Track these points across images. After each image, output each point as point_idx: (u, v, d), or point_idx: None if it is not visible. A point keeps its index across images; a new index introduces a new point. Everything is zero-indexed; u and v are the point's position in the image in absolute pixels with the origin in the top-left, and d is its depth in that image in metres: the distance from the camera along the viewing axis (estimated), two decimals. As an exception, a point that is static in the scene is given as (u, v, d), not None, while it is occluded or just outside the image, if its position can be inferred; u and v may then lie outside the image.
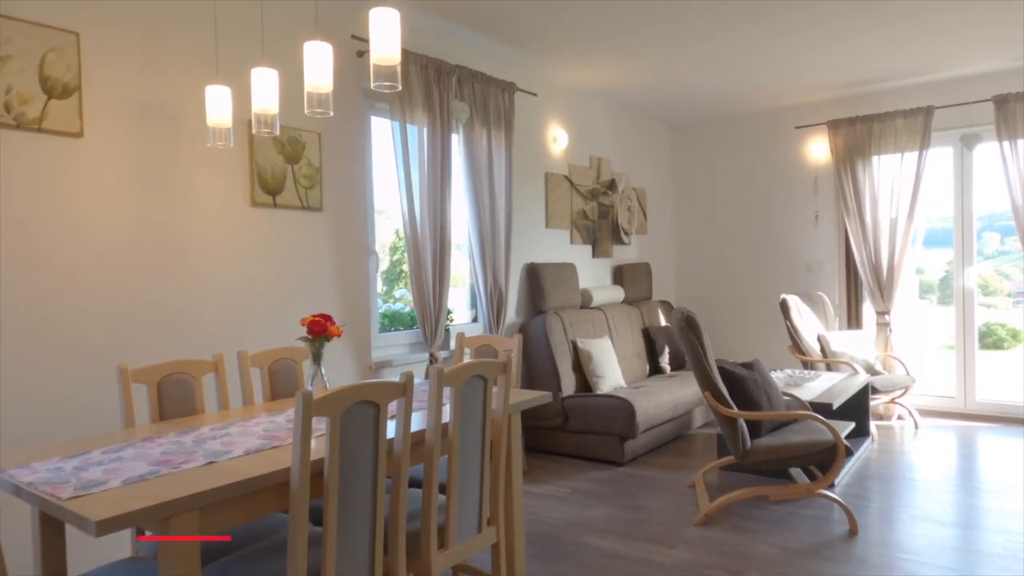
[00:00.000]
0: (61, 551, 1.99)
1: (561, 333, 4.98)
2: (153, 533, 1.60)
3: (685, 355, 3.60)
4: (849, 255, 6.18)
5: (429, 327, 4.01)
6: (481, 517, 2.29)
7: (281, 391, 2.78)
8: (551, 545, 3.28)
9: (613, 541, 3.31)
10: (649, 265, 6.54)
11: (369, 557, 1.85)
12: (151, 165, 2.96)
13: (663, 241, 7.13)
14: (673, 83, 5.62)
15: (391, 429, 2.05)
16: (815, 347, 5.49)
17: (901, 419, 5.72)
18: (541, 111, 5.36)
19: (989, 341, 5.92)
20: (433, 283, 4.03)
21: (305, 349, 2.93)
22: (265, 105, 2.43)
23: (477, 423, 2.22)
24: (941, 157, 5.86)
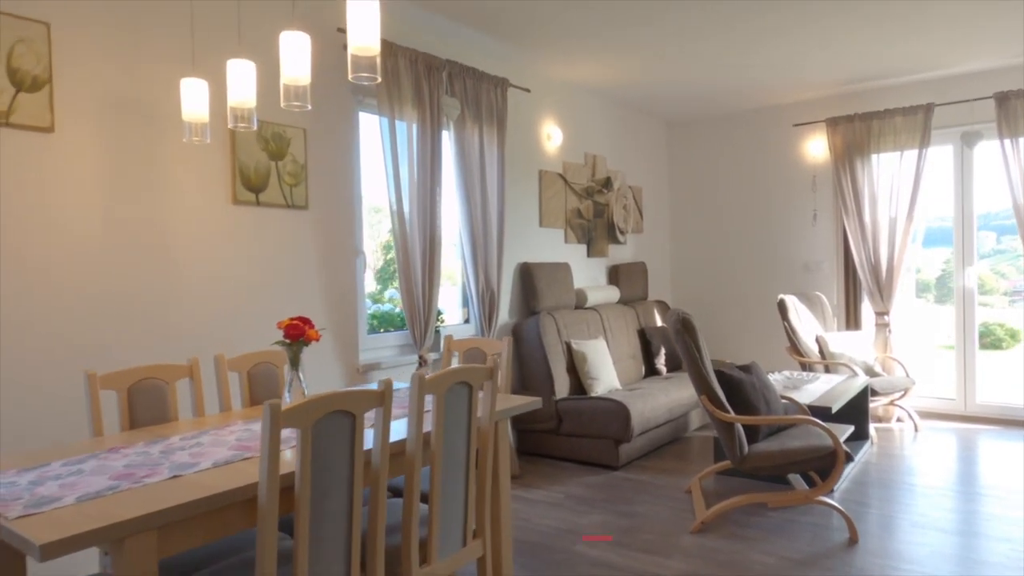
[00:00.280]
0: (22, 569, 1.88)
1: (555, 334, 4.89)
2: (110, 554, 1.49)
3: (681, 357, 3.50)
4: (848, 255, 6.09)
5: (418, 329, 3.91)
6: (466, 530, 2.19)
7: (261, 396, 2.68)
8: (542, 554, 3.18)
9: (606, 550, 3.21)
10: (645, 265, 6.44)
11: (345, 574, 1.75)
12: (127, 161, 2.85)
13: (659, 240, 7.03)
14: (670, 80, 5.52)
15: (370, 439, 1.95)
16: (813, 348, 5.39)
17: (900, 421, 5.63)
18: (535, 108, 5.26)
19: (987, 341, 5.84)
20: (423, 283, 3.93)
21: (282, 352, 2.83)
22: (241, 99, 2.33)
23: (462, 431, 2.12)
24: (941, 155, 5.77)
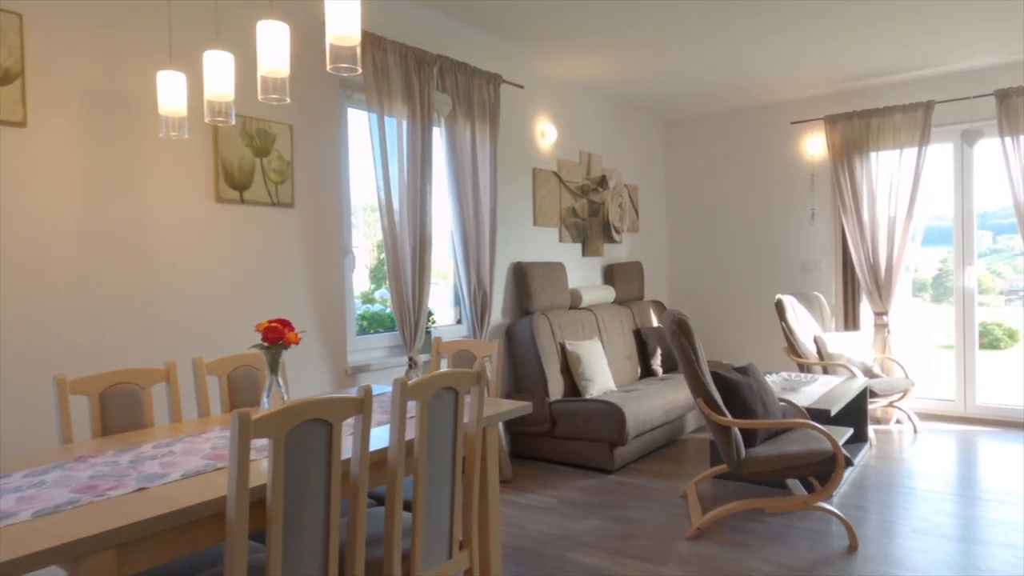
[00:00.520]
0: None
1: (549, 335, 4.80)
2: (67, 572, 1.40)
3: (677, 359, 3.42)
4: (846, 254, 6.01)
5: (408, 329, 3.82)
6: (452, 541, 2.10)
7: (241, 401, 2.58)
8: (533, 562, 3.09)
9: (600, 557, 3.12)
10: (641, 264, 6.36)
11: (321, 592, 1.67)
12: (104, 158, 2.75)
13: (655, 239, 6.95)
14: (666, 77, 5.44)
15: (349, 448, 1.86)
16: (811, 349, 5.32)
17: (900, 423, 5.56)
18: (528, 104, 5.17)
19: (985, 341, 5.78)
20: (413, 283, 3.84)
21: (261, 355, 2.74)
22: (219, 92, 2.23)
23: (447, 439, 2.03)
24: (941, 153, 5.69)
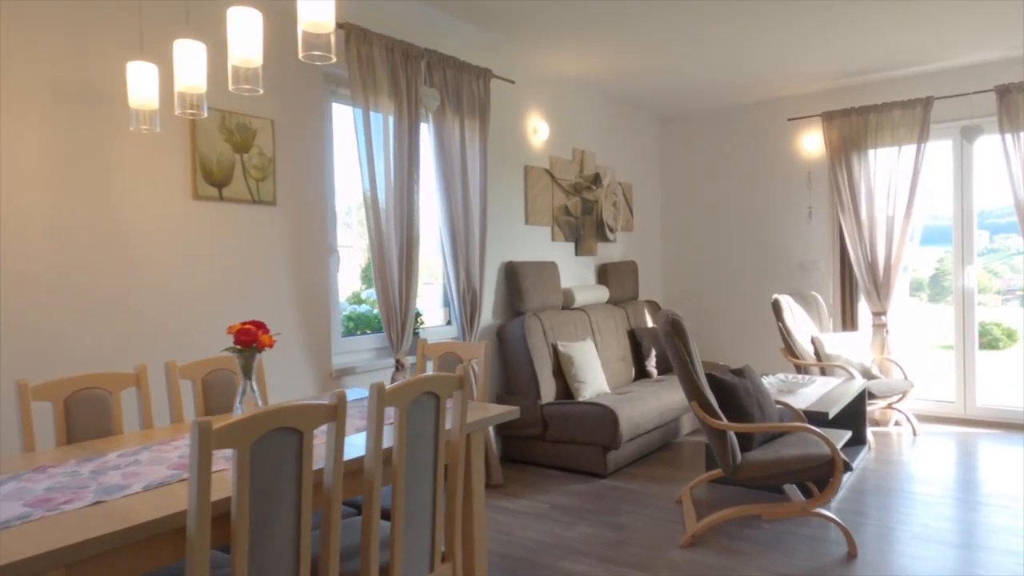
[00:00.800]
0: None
1: (540, 336, 4.70)
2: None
3: (671, 361, 3.33)
4: (844, 253, 5.92)
5: (395, 331, 3.72)
6: (434, 553, 2.00)
7: (216, 406, 2.48)
8: (522, 571, 2.99)
9: (591, 565, 3.03)
10: (635, 264, 6.26)
11: (291, 612, 1.56)
12: (75, 152, 2.64)
13: (650, 238, 6.85)
14: (661, 73, 5.34)
15: (325, 457, 1.76)
16: (809, 349, 5.23)
17: (898, 425, 5.47)
18: (520, 100, 5.07)
19: (984, 341, 5.71)
20: (399, 283, 3.74)
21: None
22: (190, 83, 2.13)
23: (428, 446, 1.93)
24: (940, 151, 5.61)
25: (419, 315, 4.33)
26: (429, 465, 1.94)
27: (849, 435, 3.94)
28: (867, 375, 5.18)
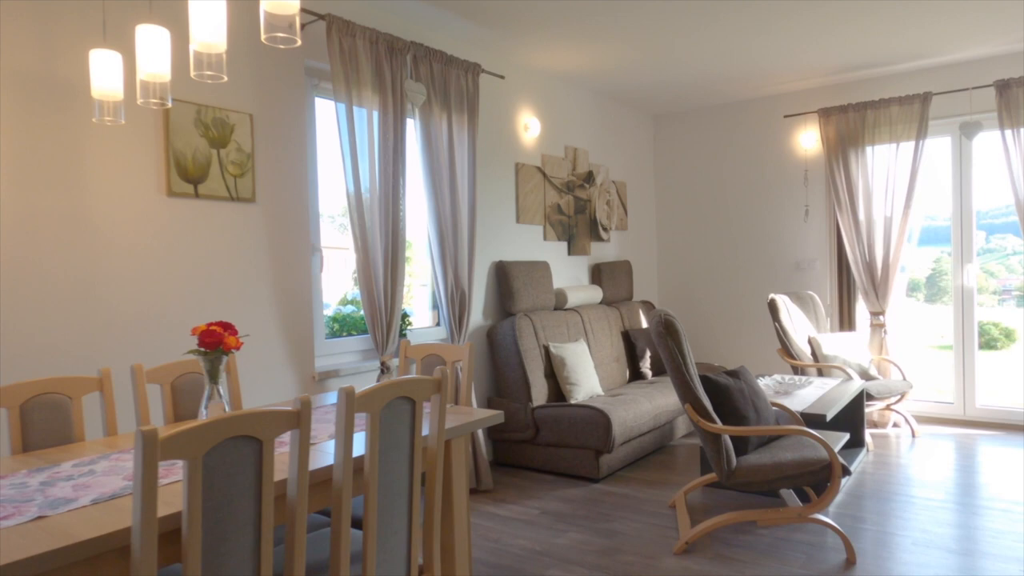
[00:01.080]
0: None
1: (532, 337, 4.59)
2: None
3: (664, 363, 3.22)
4: (841, 252, 5.83)
5: (380, 332, 3.61)
6: (410, 566, 1.89)
7: (186, 412, 2.37)
8: (510, 581, 2.89)
9: (581, 574, 2.92)
10: (630, 263, 6.16)
11: (251, 634, 1.46)
12: (40, 147, 2.53)
13: (645, 238, 6.75)
14: (655, 69, 5.24)
15: (289, 467, 1.65)
16: (806, 350, 5.13)
17: (897, 426, 5.37)
18: (510, 96, 4.97)
19: (982, 341, 5.62)
20: (385, 283, 3.63)
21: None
22: (153, 71, 2.02)
23: (403, 454, 1.83)
24: (939, 147, 5.52)
25: (406, 316, 4.22)
26: (404, 474, 1.83)
27: (847, 437, 3.84)
28: (865, 376, 5.08)
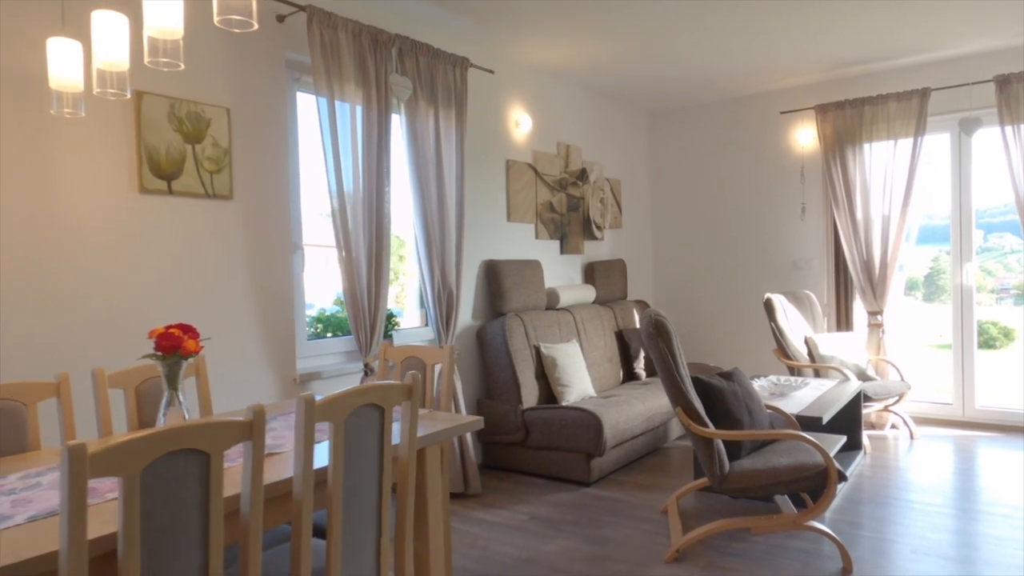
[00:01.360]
0: None
1: (522, 337, 4.49)
2: None
3: (654, 364, 3.12)
4: (838, 251, 5.73)
5: (363, 333, 3.51)
6: (381, 583, 1.80)
7: (150, 418, 2.27)
8: (494, 591, 2.79)
9: (568, 585, 2.82)
10: (624, 262, 6.06)
11: (199, 660, 1.36)
12: (3, 141, 2.43)
13: (639, 236, 6.65)
14: (649, 65, 5.14)
15: (242, 481, 1.55)
16: (802, 350, 5.03)
17: (895, 428, 5.28)
18: (500, 91, 4.86)
19: (980, 340, 5.54)
20: (368, 282, 3.53)
21: (190, 364, 2.43)
22: (110, 59, 1.92)
23: (371, 464, 1.73)
24: (937, 144, 5.42)
25: (392, 316, 4.12)
26: (373, 485, 1.73)
27: (844, 440, 3.75)
28: (862, 377, 4.98)
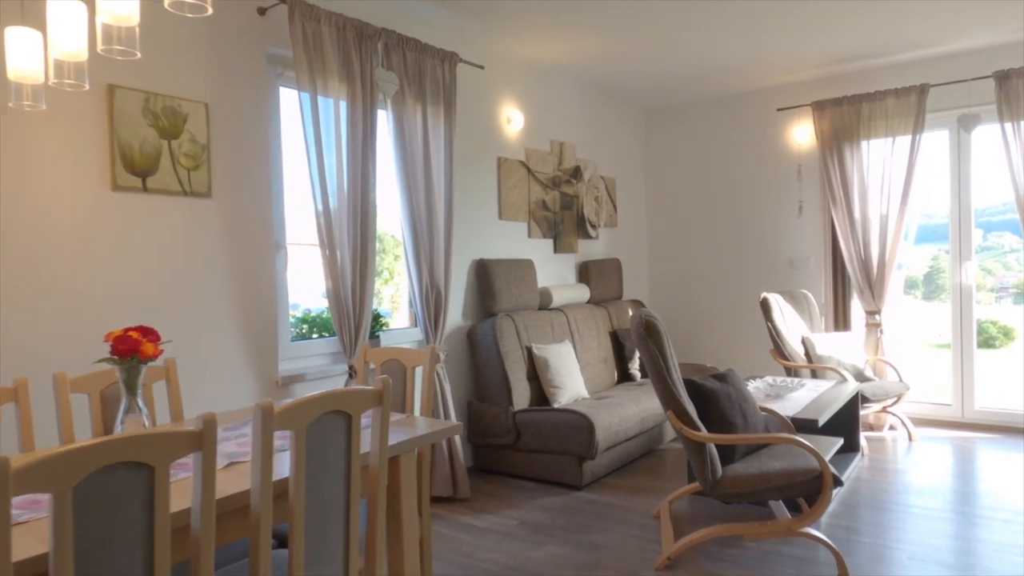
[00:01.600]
0: None
1: (514, 338, 4.41)
2: None
3: (645, 366, 3.04)
4: (836, 250, 5.64)
5: (348, 334, 3.42)
6: (350, 598, 1.71)
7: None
8: (478, 601, 2.71)
9: (555, 594, 2.74)
10: (619, 261, 5.98)
11: None
12: (-35, 137, 2.35)
13: (635, 235, 6.56)
14: (644, 60, 5.05)
15: (192, 495, 1.46)
16: (799, 350, 4.94)
17: (893, 429, 5.19)
18: (491, 87, 4.77)
19: (980, 340, 5.45)
20: (353, 282, 3.44)
21: (157, 368, 2.34)
22: (68, 49, 1.83)
23: (338, 474, 1.64)
24: (936, 141, 5.33)
25: (380, 317, 4.04)
26: (339, 496, 1.65)
27: (840, 443, 3.66)
28: (860, 377, 4.90)
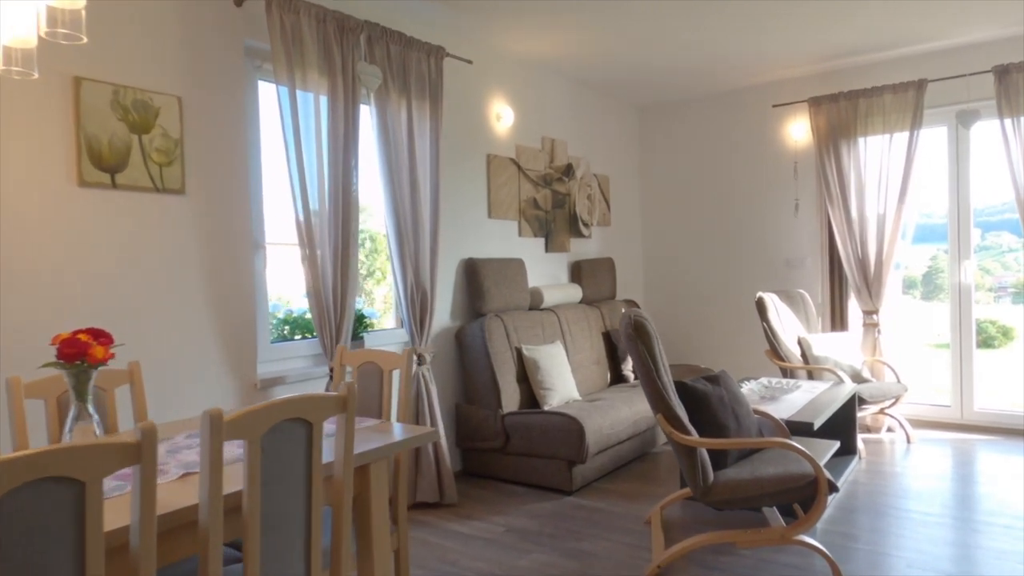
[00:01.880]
0: None
1: (503, 339, 4.31)
2: None
3: (635, 368, 2.94)
4: (833, 249, 5.54)
5: (329, 336, 3.32)
6: (313, 617, 1.61)
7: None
8: (460, 613, 2.61)
9: (540, 605, 2.64)
10: (612, 260, 5.88)
11: None
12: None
13: (628, 234, 6.46)
14: (637, 56, 4.95)
15: (131, 510, 1.36)
16: (795, 351, 4.85)
17: (891, 431, 5.10)
18: (480, 83, 4.67)
19: (979, 340, 5.37)
20: (334, 282, 3.34)
21: (120, 371, 2.24)
22: (17, 35, 1.73)
23: (298, 486, 1.54)
24: (934, 138, 5.23)
25: (364, 318, 3.94)
26: (300, 510, 1.55)
27: (837, 446, 3.57)
28: (857, 378, 4.80)
